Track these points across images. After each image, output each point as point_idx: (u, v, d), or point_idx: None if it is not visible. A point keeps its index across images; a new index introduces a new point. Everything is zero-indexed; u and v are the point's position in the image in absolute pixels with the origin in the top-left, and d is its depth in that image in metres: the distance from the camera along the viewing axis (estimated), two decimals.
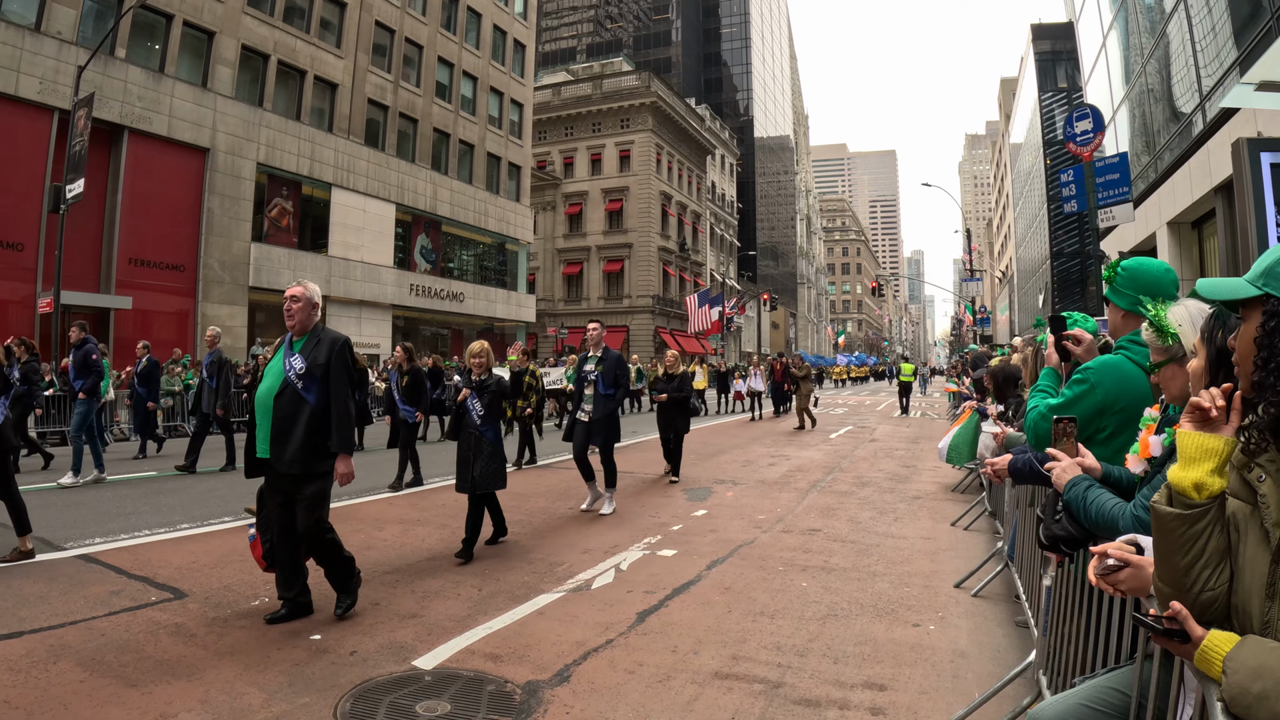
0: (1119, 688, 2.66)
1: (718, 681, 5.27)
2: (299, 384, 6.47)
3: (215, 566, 8.12)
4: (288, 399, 6.46)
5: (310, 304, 6.81)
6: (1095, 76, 38.19)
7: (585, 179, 76.81)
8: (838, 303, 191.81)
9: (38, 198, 27.81)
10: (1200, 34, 22.15)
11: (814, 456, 18.30)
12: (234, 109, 35.85)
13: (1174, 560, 2.12)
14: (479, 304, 52.87)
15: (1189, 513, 2.10)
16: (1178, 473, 2.16)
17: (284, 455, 6.37)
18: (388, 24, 45.37)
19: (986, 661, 5.64)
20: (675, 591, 7.36)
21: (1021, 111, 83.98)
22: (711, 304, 62.81)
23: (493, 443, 8.90)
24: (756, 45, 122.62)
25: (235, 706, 4.83)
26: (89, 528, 9.56)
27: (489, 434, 8.89)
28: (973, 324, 64.83)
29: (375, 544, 9.16)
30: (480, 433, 8.86)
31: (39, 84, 28.31)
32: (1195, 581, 2.08)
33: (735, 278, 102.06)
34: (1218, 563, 2.08)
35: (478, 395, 8.96)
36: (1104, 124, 16.92)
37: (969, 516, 10.60)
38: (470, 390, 9.04)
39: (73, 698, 4.93)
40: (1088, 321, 5.09)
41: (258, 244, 37.16)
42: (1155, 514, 2.18)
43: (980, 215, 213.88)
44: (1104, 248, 23.09)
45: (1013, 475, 4.66)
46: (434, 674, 5.39)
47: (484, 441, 8.83)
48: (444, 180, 49.75)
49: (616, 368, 11.43)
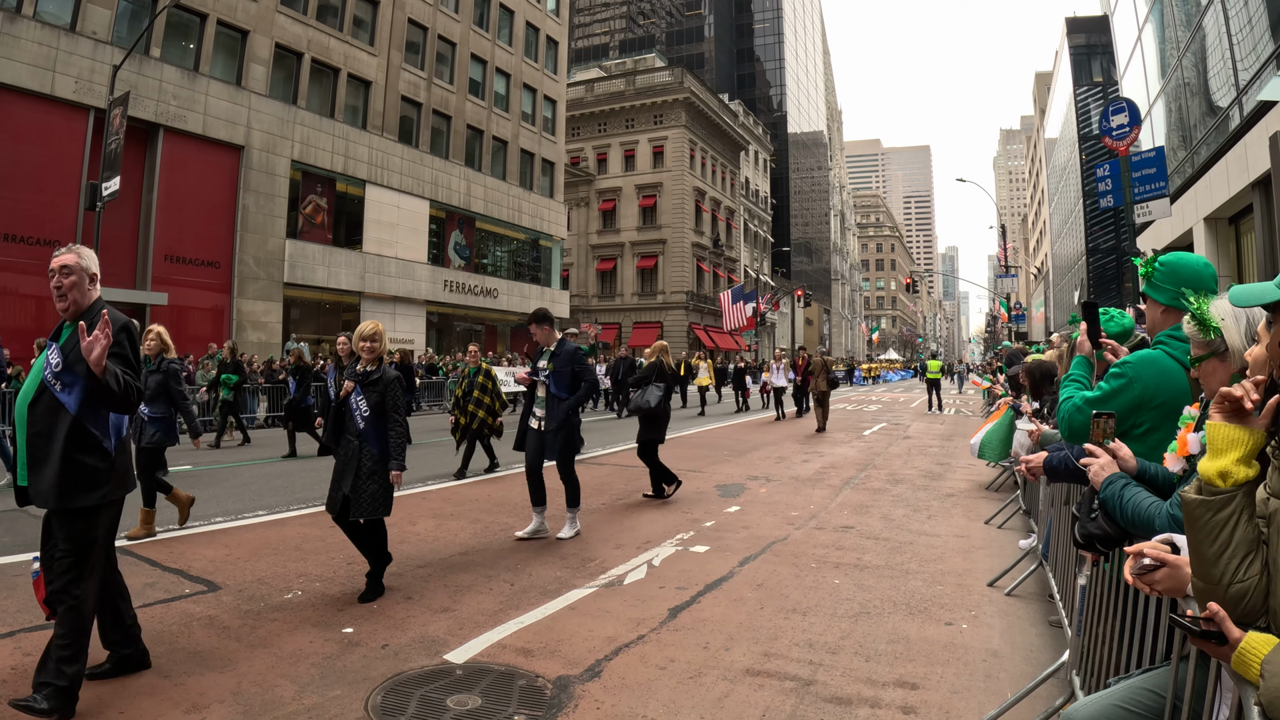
0: (1154, 689, 2.62)
1: (749, 678, 5.24)
2: (56, 385, 4.78)
3: (249, 560, 8.17)
4: (44, 407, 4.77)
5: (86, 276, 5.08)
6: (1131, 70, 37.91)
7: (619, 175, 76.88)
8: (872, 299, 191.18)
9: (74, 196, 28.03)
10: (1236, 26, 21.94)
11: (847, 453, 18.21)
12: (268, 107, 36.05)
13: (1203, 550, 2.12)
14: (513, 300, 52.89)
15: (1214, 498, 2.10)
16: (1206, 463, 2.17)
17: (40, 484, 4.69)
18: (420, 21, 45.49)
19: (1019, 661, 5.58)
20: (707, 587, 7.33)
21: (1056, 106, 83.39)
22: (745, 300, 62.59)
23: (376, 457, 7.04)
24: (789, 40, 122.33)
25: (267, 698, 4.85)
26: (124, 520, 9.54)
27: (373, 445, 7.04)
28: (1007, 320, 64.43)
29: (408, 538, 9.18)
30: (362, 442, 7.05)
31: (74, 83, 28.55)
32: (1224, 572, 2.07)
33: (769, 274, 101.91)
34: (1245, 553, 2.07)
35: (363, 392, 7.13)
36: (1140, 118, 16.74)
37: (1003, 514, 10.51)
38: (354, 384, 7.20)
39: (106, 688, 4.97)
40: (1124, 317, 5.03)
41: (292, 240, 37.37)
42: (1184, 503, 2.19)
43: (1015, 211, 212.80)
44: (1140, 244, 22.91)
45: (1048, 473, 4.61)
46: (465, 668, 5.39)
47: (365, 454, 7.02)
48: (477, 176, 49.85)
49: (572, 363, 9.43)
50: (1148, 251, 16.08)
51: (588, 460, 16.71)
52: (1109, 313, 4.97)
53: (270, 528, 9.71)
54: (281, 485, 13.05)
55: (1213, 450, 2.17)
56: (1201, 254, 22.67)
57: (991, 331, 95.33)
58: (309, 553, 8.45)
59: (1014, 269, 76.33)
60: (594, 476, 14.38)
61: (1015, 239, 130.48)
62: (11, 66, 26.85)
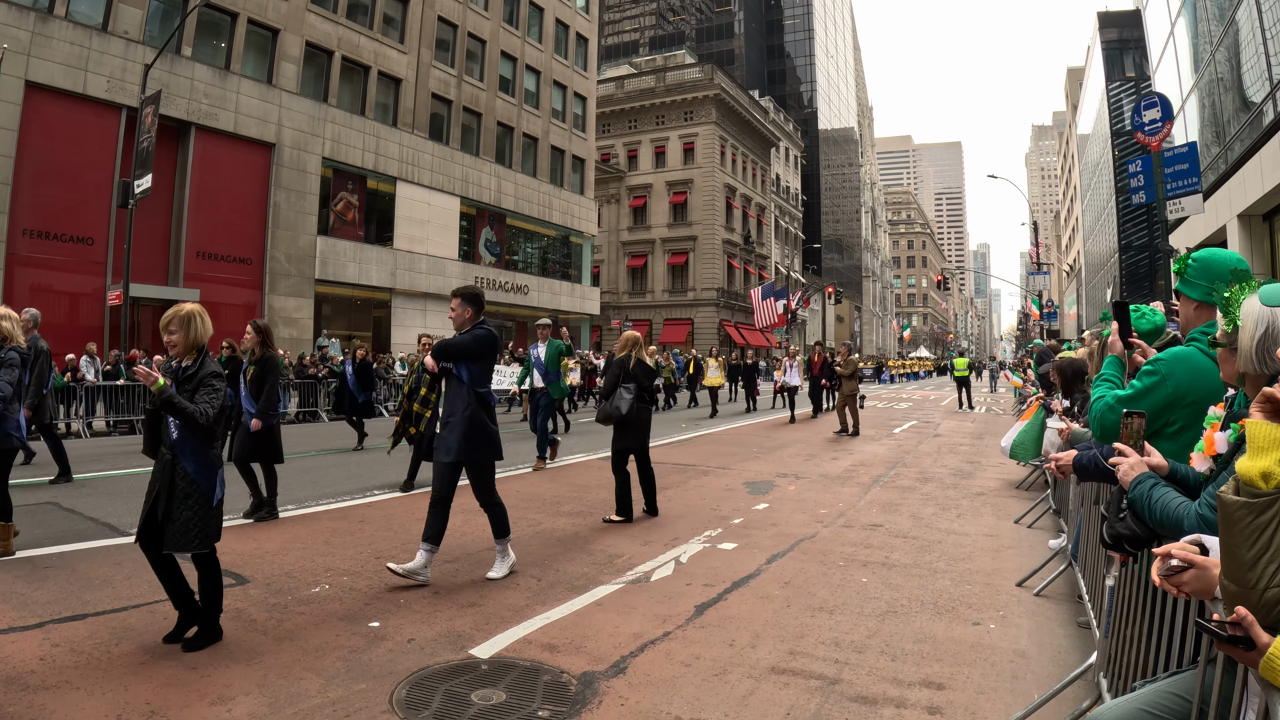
0: (1180, 693, 2.58)
1: (774, 676, 5.21)
2: None
3: (277, 553, 8.22)
4: None
5: None
6: (1163, 65, 37.63)
7: (649, 172, 76.94)
8: (903, 296, 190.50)
9: (107, 193, 28.29)
10: (1270, 21, 21.72)
11: (877, 451, 18.15)
12: (299, 105, 36.25)
13: (1239, 553, 2.06)
14: (543, 296, 53.05)
15: (1256, 501, 2.04)
16: (1246, 462, 2.11)
17: None
18: (450, 19, 45.61)
19: (1047, 662, 5.53)
20: (734, 585, 7.30)
21: (1089, 102, 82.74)
22: (776, 297, 62.38)
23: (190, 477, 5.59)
24: (820, 37, 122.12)
25: (292, 691, 4.88)
26: None
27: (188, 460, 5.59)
28: (1039, 318, 64.03)
29: None
30: (175, 456, 5.64)
31: (107, 83, 28.83)
32: (1260, 577, 2.02)
33: (800, 271, 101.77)
34: None
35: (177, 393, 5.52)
36: (1173, 113, 16.59)
37: (1033, 513, 10.43)
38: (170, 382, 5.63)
39: (133, 679, 5.00)
40: (1156, 314, 4.97)
41: (323, 237, 37.57)
42: (1221, 504, 2.13)
43: (1047, 207, 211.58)
44: (1172, 241, 22.73)
45: (1077, 472, 4.55)
46: (490, 663, 5.40)
47: (179, 471, 5.58)
48: (508, 173, 49.98)
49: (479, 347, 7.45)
50: (1180, 249, 15.95)
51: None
52: (1140, 310, 4.92)
53: (298, 522, 9.76)
54: (310, 480, 13.09)
55: (1253, 449, 2.12)
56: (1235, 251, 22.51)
57: (1023, 329, 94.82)
58: (337, 547, 8.49)
59: (1046, 266, 75.75)
60: None
61: (1047, 236, 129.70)
62: (44, 66, 27.12)
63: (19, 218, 26.69)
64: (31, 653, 5.32)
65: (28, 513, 9.36)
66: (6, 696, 4.69)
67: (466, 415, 7.41)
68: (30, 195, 27.02)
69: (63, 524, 9.31)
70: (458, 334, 7.58)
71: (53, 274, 28.03)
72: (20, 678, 4.98)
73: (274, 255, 34.97)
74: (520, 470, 14.52)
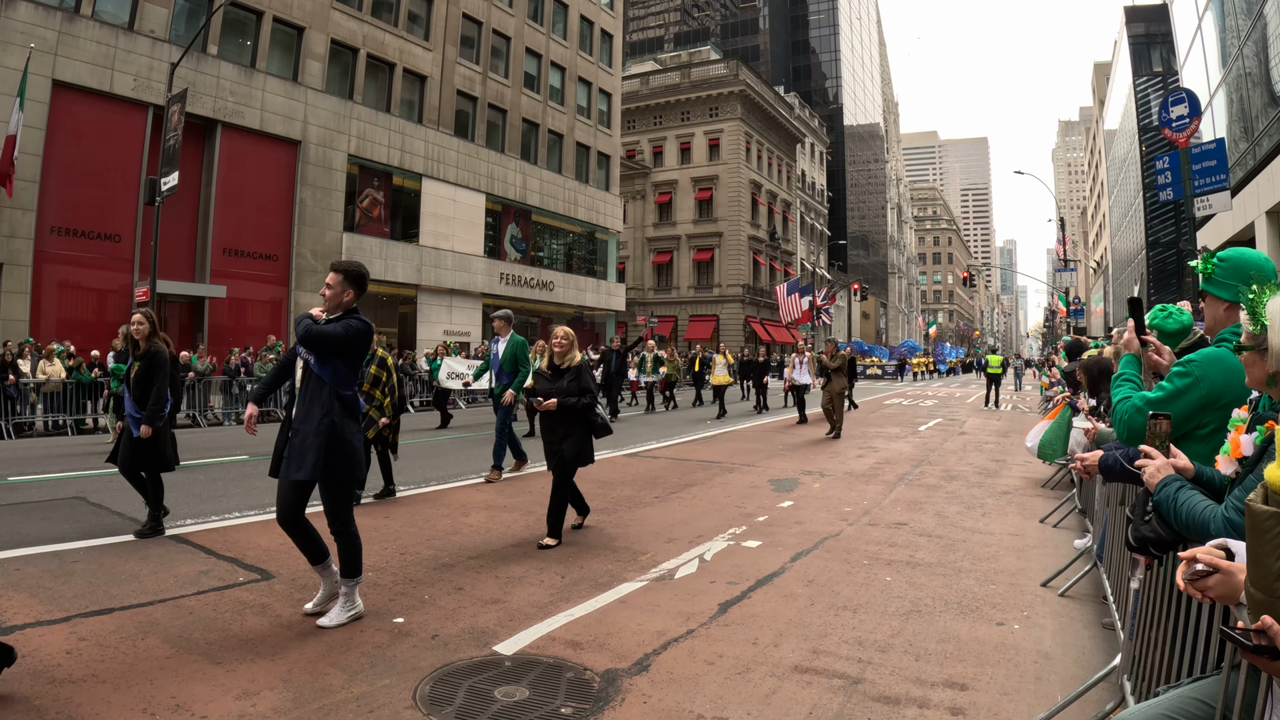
0: (1203, 699, 2.55)
1: (797, 675, 5.21)
2: None
3: None
4: None
5: None
6: (1191, 60, 37.39)
7: (674, 168, 76.85)
8: (929, 293, 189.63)
9: (134, 190, 28.43)
10: None
11: (902, 449, 18.08)
12: (325, 102, 36.37)
13: (1267, 563, 2.04)
14: (569, 293, 53.15)
15: None
16: (1276, 470, 2.08)
17: None
18: (475, 16, 45.68)
19: (1070, 664, 5.50)
20: (758, 583, 7.29)
21: (1115, 97, 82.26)
22: (802, 293, 62.39)
23: None
24: (845, 32, 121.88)
25: (316, 686, 4.91)
26: (181, 509, 9.73)
27: None
28: (1066, 315, 63.76)
29: (461, 529, 9.25)
30: None
31: (133, 81, 29.03)
32: None
33: (825, 267, 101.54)
34: None
35: None
36: (1200, 109, 16.49)
37: (1059, 513, 10.37)
38: None
39: (159, 673, 5.04)
40: (1183, 314, 4.93)
41: (349, 234, 37.72)
42: (1250, 513, 2.10)
43: (1074, 204, 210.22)
44: (1200, 239, 22.57)
45: (1103, 472, 4.53)
46: (514, 660, 5.41)
47: None
48: (533, 170, 50.04)
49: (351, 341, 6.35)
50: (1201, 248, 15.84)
51: (641, 453, 16.71)
52: (1168, 309, 4.87)
53: (322, 518, 9.77)
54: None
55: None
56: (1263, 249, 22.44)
57: (1050, 326, 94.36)
58: (362, 543, 8.50)
59: (1073, 263, 75.34)
60: (648, 469, 14.41)
61: (1074, 232, 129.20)
62: (71, 65, 27.33)
63: (47, 215, 26.88)
64: (59, 646, 5.37)
65: (55, 507, 9.45)
66: (34, 689, 4.73)
67: (326, 424, 6.11)
68: (58, 193, 27.24)
69: (90, 519, 9.37)
70: (327, 319, 6.37)
71: (80, 271, 28.26)
72: (47, 671, 5.02)
73: (300, 252, 35.13)
74: (540, 467, 14.52)
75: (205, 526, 9.12)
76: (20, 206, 25.72)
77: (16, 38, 25.40)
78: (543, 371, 9.19)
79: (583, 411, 8.98)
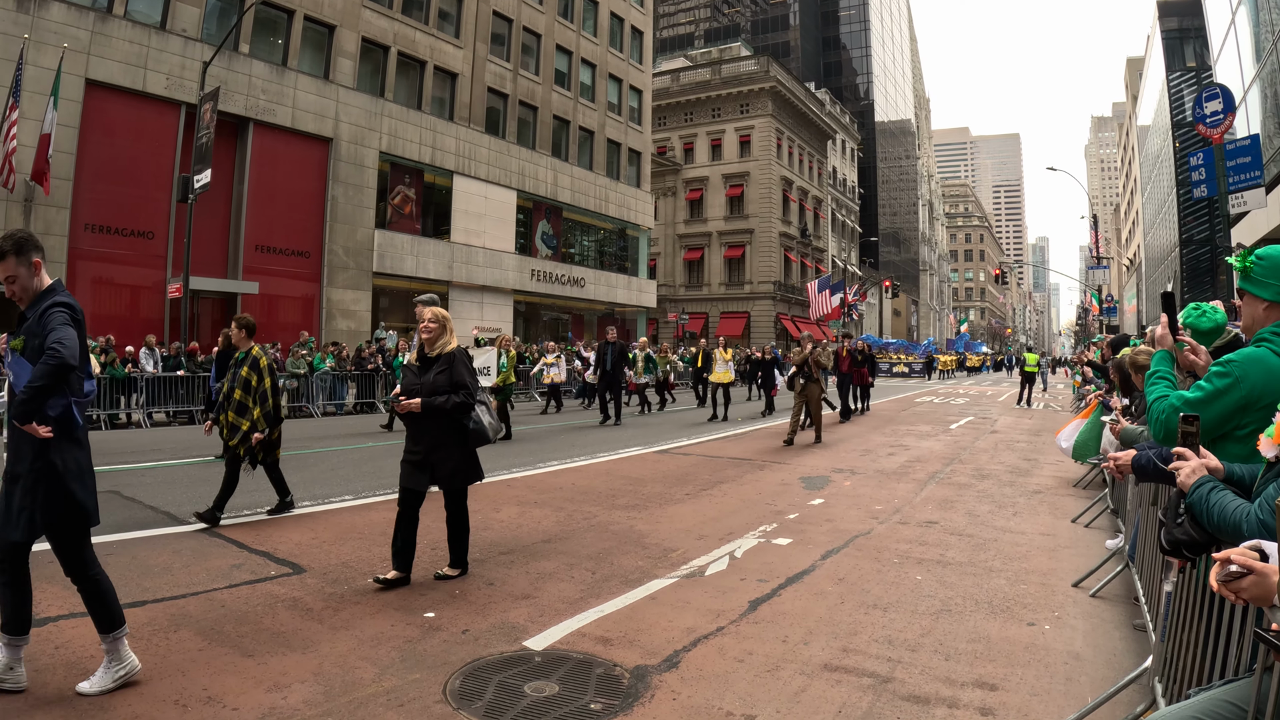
0: (1235, 701, 2.53)
1: (826, 673, 5.20)
2: None
3: (334, 543, 8.31)
4: None
5: None
6: (1225, 55, 37.05)
7: (705, 164, 76.84)
8: (960, 290, 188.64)
9: (167, 188, 28.65)
10: None
11: (933, 447, 18.00)
12: (356, 100, 36.55)
13: None
14: (600, 289, 53.26)
15: None
16: None
17: None
18: (505, 13, 45.78)
19: (1101, 665, 5.47)
20: (788, 580, 7.27)
21: (1149, 92, 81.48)
22: (833, 290, 62.30)
23: None
24: (876, 28, 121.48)
25: (347, 679, 4.94)
26: (209, 504, 9.79)
27: None
28: (1099, 313, 63.35)
29: (492, 524, 9.26)
30: None
31: (166, 80, 29.26)
32: None
33: (857, 264, 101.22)
34: None
35: None
36: (1234, 104, 16.37)
37: (1090, 513, 10.29)
38: None
39: (190, 665, 5.10)
40: (1217, 312, 4.88)
41: (381, 230, 37.92)
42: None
43: (1107, 200, 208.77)
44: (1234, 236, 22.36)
45: (1136, 472, 4.50)
46: (544, 655, 5.43)
47: None
48: (564, 167, 50.13)
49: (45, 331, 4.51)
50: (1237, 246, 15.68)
51: (673, 450, 16.73)
52: (1201, 307, 4.81)
53: (356, 512, 9.85)
54: (369, 470, 13.20)
55: None
56: None
57: (1082, 324, 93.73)
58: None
59: (1106, 260, 74.82)
60: (678, 466, 14.41)
61: (1107, 229, 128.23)
62: (104, 65, 27.57)
63: (81, 212, 27.13)
64: (92, 638, 5.39)
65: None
66: (67, 681, 4.78)
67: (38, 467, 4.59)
68: (92, 191, 27.50)
69: (123, 512, 9.44)
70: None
71: (114, 267, 28.52)
72: (80, 662, 5.07)
73: (332, 248, 35.32)
74: (571, 464, 14.55)
75: (238, 521, 9.17)
76: (55, 204, 25.97)
77: (50, 38, 25.64)
78: (410, 364, 7.43)
79: (453, 413, 7.06)
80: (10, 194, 24.78)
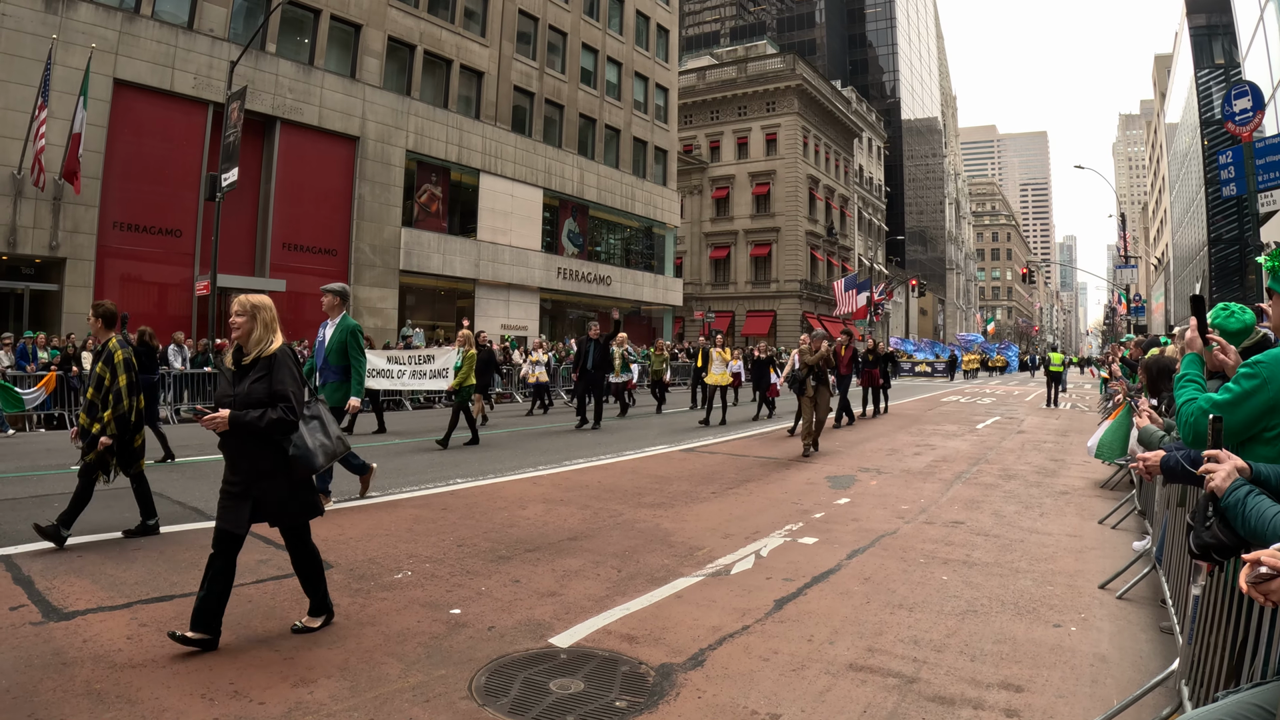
0: (1263, 705, 2.51)
1: (851, 673, 5.19)
2: None
3: (360, 540, 8.35)
4: None
5: None
6: (1254, 51, 36.77)
7: (731, 163, 76.78)
8: (987, 289, 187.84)
9: (194, 186, 28.80)
10: None
11: (960, 447, 17.93)
12: (382, 98, 36.71)
13: None
14: (626, 287, 53.26)
15: None
16: None
17: None
18: (531, 12, 45.85)
19: (1127, 668, 5.44)
20: (814, 580, 7.27)
21: (1177, 90, 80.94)
22: (859, 289, 62.21)
23: None
24: (902, 25, 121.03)
25: (373, 675, 4.97)
26: None
27: None
28: (1127, 312, 63.00)
29: (518, 522, 9.29)
30: None
31: (193, 79, 29.51)
32: None
33: (883, 263, 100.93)
34: None
35: None
36: (1264, 102, 16.24)
37: (1118, 514, 10.22)
38: None
39: (218, 659, 5.14)
40: (1245, 312, 4.84)
41: (408, 229, 38.08)
42: None
43: (1135, 199, 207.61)
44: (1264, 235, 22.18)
45: (1164, 473, 4.46)
46: (569, 652, 5.44)
47: None
48: (590, 165, 50.19)
49: None
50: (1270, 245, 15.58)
51: (699, 448, 16.72)
52: (1229, 308, 4.76)
53: (382, 509, 9.89)
54: (394, 467, 13.25)
55: None
56: None
57: (1110, 324, 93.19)
58: (420, 534, 8.59)
59: (1134, 259, 74.42)
60: (705, 465, 14.41)
61: (1135, 228, 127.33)
62: (132, 64, 27.84)
63: (109, 211, 27.42)
64: (120, 631, 5.47)
65: (116, 495, 9.56)
66: (95, 673, 4.83)
67: None
68: (120, 189, 27.76)
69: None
70: None
71: (142, 265, 28.80)
72: (108, 656, 5.13)
73: (359, 246, 35.49)
74: (598, 461, 14.56)
75: None
76: (83, 203, 26.23)
77: (78, 38, 25.87)
78: (226, 368, 5.72)
79: (267, 431, 5.43)
80: (41, 192, 25.02)
